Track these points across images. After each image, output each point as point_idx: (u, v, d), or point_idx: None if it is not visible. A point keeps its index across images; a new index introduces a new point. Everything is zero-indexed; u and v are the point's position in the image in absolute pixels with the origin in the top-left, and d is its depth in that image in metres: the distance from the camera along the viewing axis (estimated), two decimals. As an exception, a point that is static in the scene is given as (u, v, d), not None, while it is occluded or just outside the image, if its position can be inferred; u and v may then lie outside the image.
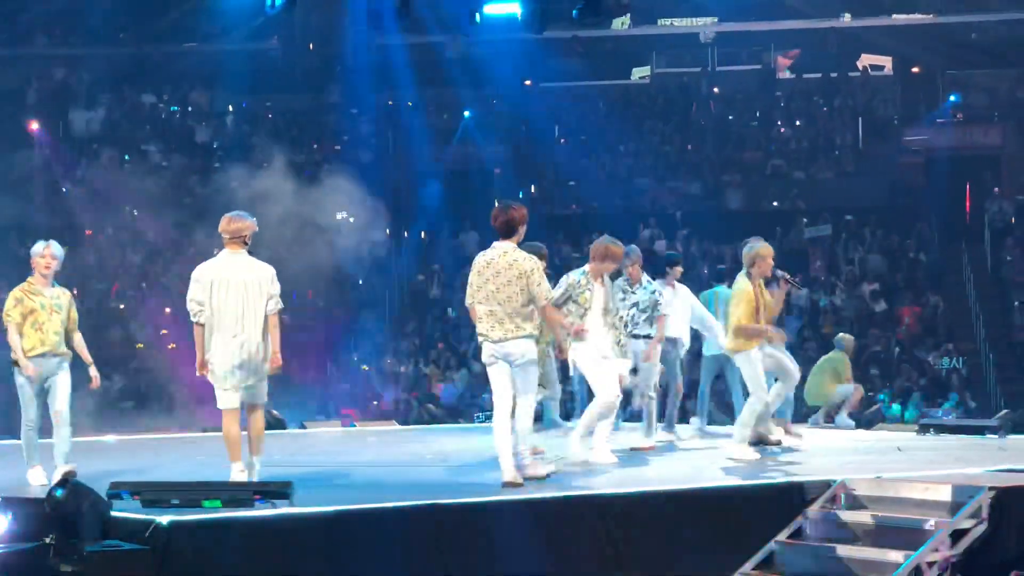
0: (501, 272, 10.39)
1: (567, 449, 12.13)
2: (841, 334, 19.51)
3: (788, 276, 12.86)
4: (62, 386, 11.13)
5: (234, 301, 10.24)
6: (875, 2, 34.84)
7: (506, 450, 10.40)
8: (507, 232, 10.53)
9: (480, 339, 10.52)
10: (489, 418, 18.01)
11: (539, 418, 10.99)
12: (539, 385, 10.95)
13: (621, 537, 9.49)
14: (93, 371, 11.33)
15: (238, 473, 10.20)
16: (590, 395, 12.50)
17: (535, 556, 9.26)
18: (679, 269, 14.36)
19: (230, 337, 10.22)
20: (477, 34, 29.23)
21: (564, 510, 9.61)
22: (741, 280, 12.45)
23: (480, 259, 10.57)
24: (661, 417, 14.01)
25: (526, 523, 9.38)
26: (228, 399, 10.32)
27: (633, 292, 13.28)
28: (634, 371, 12.63)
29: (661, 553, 9.53)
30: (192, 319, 10.33)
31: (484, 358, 10.56)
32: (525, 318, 10.39)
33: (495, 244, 10.58)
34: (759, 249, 12.51)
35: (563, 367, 13.13)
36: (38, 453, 11.10)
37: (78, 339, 11.35)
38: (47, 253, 11.22)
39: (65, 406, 11.08)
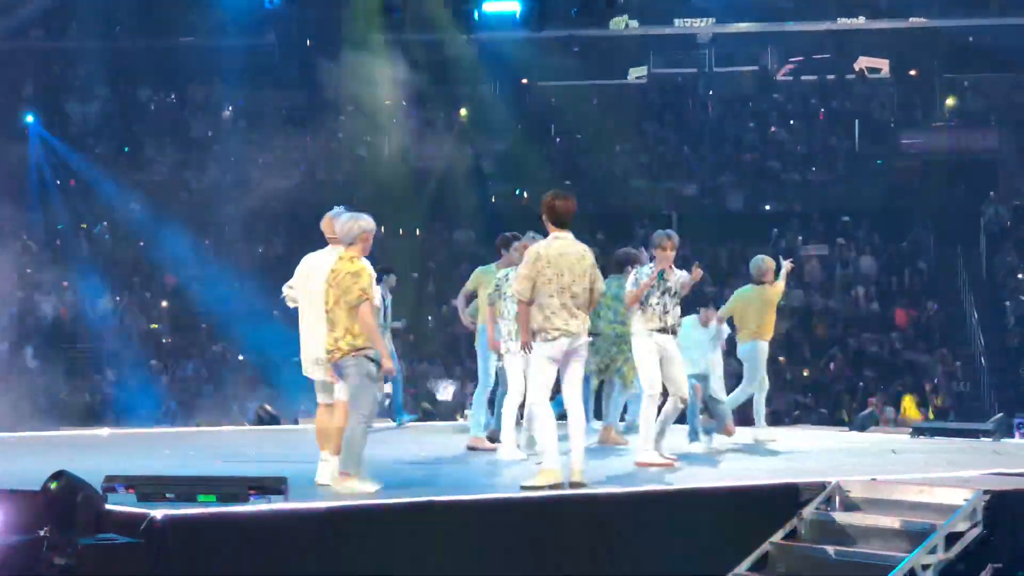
0: (575, 264, 10.03)
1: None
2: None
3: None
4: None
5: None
6: (872, 5, 34.84)
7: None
8: (571, 222, 10.14)
9: (556, 334, 9.94)
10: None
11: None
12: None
13: (615, 537, 9.48)
14: None
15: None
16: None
17: (528, 555, 9.25)
18: None
19: None
20: (475, 31, 29.19)
21: (557, 509, 9.60)
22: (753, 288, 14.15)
23: (548, 250, 10.02)
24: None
25: (519, 522, 9.38)
26: None
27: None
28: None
29: (655, 553, 9.53)
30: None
31: (553, 353, 9.96)
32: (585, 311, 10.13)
33: (559, 235, 10.10)
34: (762, 264, 14.15)
35: None
36: None
37: None
38: (372, 227, 9.88)
39: None
